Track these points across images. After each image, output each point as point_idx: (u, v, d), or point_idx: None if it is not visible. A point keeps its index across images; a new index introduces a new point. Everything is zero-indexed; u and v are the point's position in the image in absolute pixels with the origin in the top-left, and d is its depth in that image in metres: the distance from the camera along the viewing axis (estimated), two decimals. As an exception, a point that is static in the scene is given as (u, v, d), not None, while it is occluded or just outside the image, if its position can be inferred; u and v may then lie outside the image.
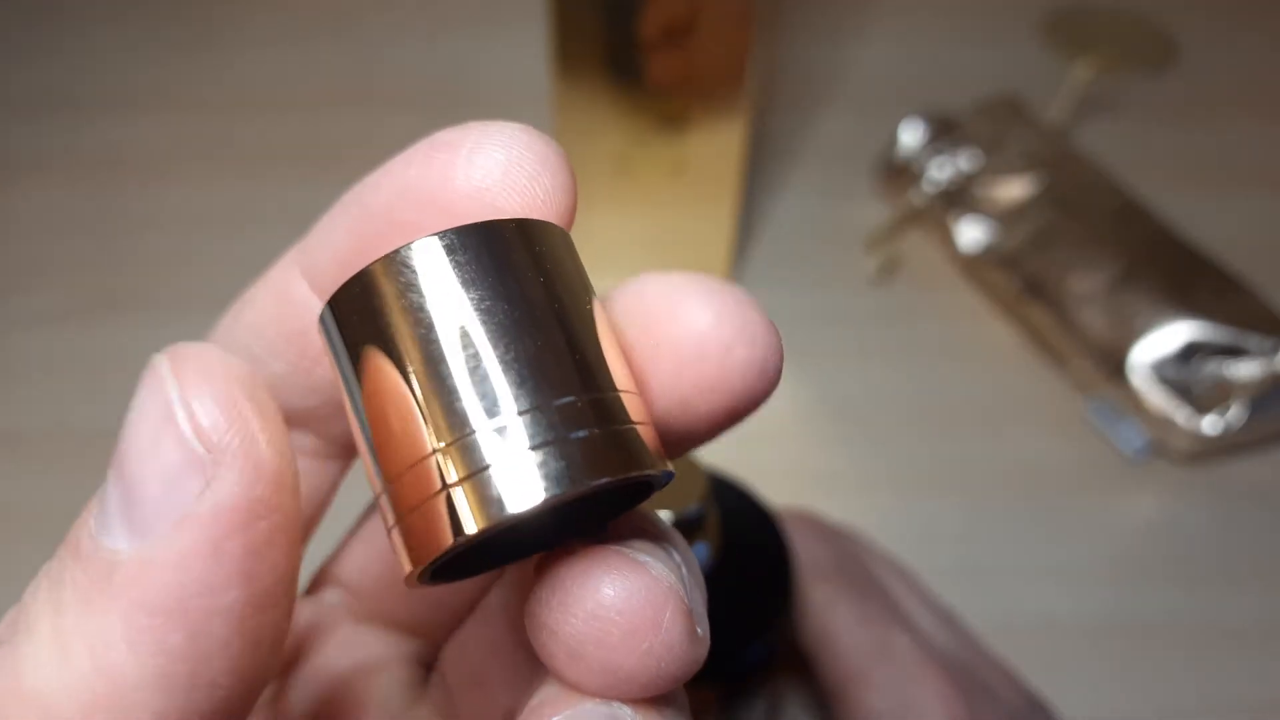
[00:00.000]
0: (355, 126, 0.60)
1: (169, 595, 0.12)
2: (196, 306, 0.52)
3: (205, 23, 0.66)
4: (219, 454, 0.12)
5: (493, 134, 0.15)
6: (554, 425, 0.13)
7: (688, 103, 0.44)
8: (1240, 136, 0.60)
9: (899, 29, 0.66)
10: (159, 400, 0.13)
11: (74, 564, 0.13)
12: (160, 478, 0.12)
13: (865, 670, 0.33)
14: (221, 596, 0.12)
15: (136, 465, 0.13)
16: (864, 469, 0.46)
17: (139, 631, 0.12)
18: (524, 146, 0.15)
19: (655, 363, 0.16)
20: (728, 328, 0.15)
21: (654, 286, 0.16)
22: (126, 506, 0.13)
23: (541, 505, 0.13)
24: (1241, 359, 0.45)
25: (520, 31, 0.62)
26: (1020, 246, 0.50)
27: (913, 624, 0.35)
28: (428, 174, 0.15)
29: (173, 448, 0.12)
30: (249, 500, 0.13)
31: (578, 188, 0.16)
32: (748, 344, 0.15)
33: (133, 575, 0.12)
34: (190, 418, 0.13)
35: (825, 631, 0.34)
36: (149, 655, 0.12)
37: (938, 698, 0.32)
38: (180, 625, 0.12)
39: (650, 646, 0.14)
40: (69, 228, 0.55)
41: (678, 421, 0.16)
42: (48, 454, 0.47)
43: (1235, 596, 0.43)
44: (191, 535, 0.12)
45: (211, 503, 0.12)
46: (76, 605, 0.13)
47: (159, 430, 0.13)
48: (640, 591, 0.14)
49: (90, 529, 0.13)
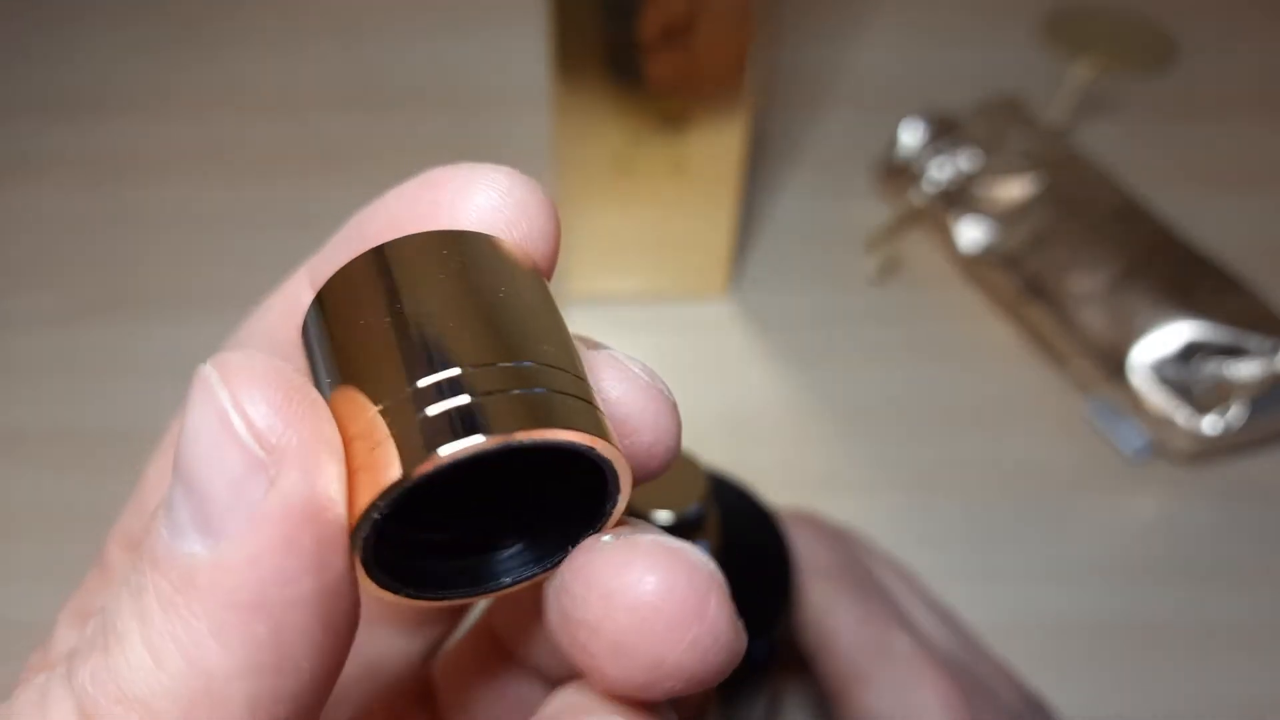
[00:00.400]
0: (355, 127, 0.60)
1: (249, 590, 0.13)
2: (197, 306, 0.52)
3: (205, 23, 0.66)
4: (278, 454, 0.13)
5: (478, 178, 0.16)
6: (485, 385, 0.14)
7: (688, 103, 0.44)
8: (1240, 136, 0.60)
9: (899, 29, 0.66)
10: (213, 409, 0.13)
11: (153, 573, 0.14)
12: (226, 482, 0.13)
13: (865, 670, 0.33)
14: (298, 586, 0.13)
15: (201, 473, 0.13)
16: (864, 469, 0.46)
17: (225, 627, 0.13)
18: (504, 192, 0.16)
19: None
20: (619, 409, 0.16)
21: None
22: (196, 512, 0.13)
23: (450, 458, 0.13)
24: (1241, 359, 0.45)
25: (520, 31, 0.62)
26: (1020, 246, 0.50)
27: (913, 624, 0.35)
28: (415, 210, 0.16)
29: (233, 453, 0.13)
30: (313, 494, 0.13)
31: (559, 232, 0.16)
32: (630, 434, 0.16)
33: (212, 576, 0.13)
34: (246, 422, 0.13)
35: (825, 631, 0.34)
36: (238, 648, 0.13)
37: (938, 698, 0.32)
38: (263, 617, 0.13)
39: (696, 637, 0.14)
40: (69, 228, 0.55)
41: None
42: (48, 454, 0.47)
43: (1235, 596, 0.43)
44: (264, 532, 0.13)
45: (279, 500, 0.13)
46: (162, 611, 0.13)
47: (218, 437, 0.13)
48: (683, 579, 0.14)
49: (164, 538, 0.14)
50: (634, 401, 0.16)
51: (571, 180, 0.47)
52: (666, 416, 0.16)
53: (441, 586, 0.15)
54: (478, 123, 0.60)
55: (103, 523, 0.46)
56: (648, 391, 0.16)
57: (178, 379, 0.56)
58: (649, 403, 0.16)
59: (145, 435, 0.47)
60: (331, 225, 0.20)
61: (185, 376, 0.13)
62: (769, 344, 0.51)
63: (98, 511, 0.45)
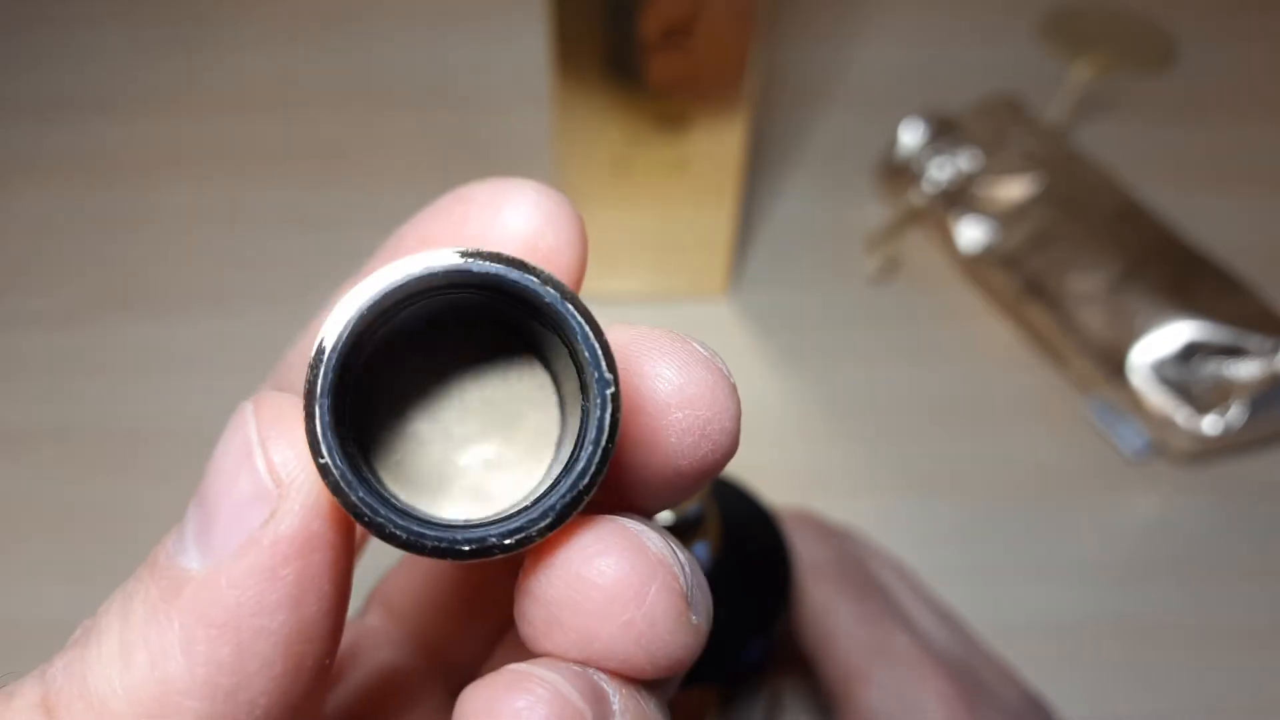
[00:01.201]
0: (355, 126, 0.60)
1: (224, 610, 0.14)
2: (196, 306, 0.52)
3: (204, 23, 0.66)
4: (285, 489, 0.14)
5: (506, 192, 0.16)
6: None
7: (688, 103, 0.44)
8: (1240, 136, 0.60)
9: (899, 29, 0.66)
10: (240, 439, 0.14)
11: (148, 580, 0.14)
12: (232, 505, 0.14)
13: (865, 670, 0.33)
14: (271, 618, 0.14)
15: (215, 494, 0.14)
16: (864, 469, 0.46)
17: (194, 642, 0.14)
18: (532, 205, 0.16)
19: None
20: (667, 387, 0.15)
21: (626, 335, 0.16)
22: (201, 529, 0.14)
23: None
24: (1241, 359, 0.45)
25: (520, 31, 0.62)
26: (1020, 246, 0.50)
27: (913, 623, 0.35)
28: (447, 226, 0.17)
29: (247, 480, 0.14)
30: (306, 533, 0.14)
31: (585, 243, 0.17)
32: (687, 406, 0.15)
33: (196, 591, 0.14)
34: (265, 455, 0.14)
35: (825, 631, 0.34)
36: (200, 665, 0.14)
37: (937, 697, 0.32)
38: (231, 639, 0.14)
39: (631, 619, 0.14)
40: (69, 228, 0.55)
41: (620, 478, 0.16)
42: (48, 453, 0.47)
43: (1235, 596, 0.43)
44: (252, 558, 0.14)
45: (273, 531, 0.14)
46: (144, 616, 0.14)
47: (238, 465, 0.14)
48: (627, 559, 0.14)
49: (168, 549, 0.14)
50: (691, 372, 0.15)
51: (571, 180, 0.47)
52: (725, 393, 0.15)
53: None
54: (478, 122, 0.60)
55: (102, 522, 0.47)
56: (707, 366, 0.15)
57: (177, 378, 0.56)
58: (706, 374, 0.15)
59: (145, 434, 0.47)
60: (331, 224, 0.20)
61: (185, 376, 0.13)
62: (769, 344, 0.51)
63: (98, 511, 0.45)
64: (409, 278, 0.14)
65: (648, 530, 0.15)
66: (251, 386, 0.18)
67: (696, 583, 0.15)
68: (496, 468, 0.16)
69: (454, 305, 0.16)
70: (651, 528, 0.15)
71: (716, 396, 0.15)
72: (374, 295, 0.14)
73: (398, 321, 0.15)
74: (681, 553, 0.15)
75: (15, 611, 0.42)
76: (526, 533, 0.14)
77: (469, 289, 0.15)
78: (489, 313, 0.16)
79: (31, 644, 0.41)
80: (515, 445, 0.16)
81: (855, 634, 0.34)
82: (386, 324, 0.15)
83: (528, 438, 0.16)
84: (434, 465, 0.16)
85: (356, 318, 0.14)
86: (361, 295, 0.14)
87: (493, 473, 0.16)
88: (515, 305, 0.15)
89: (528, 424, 0.16)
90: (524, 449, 0.16)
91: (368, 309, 0.14)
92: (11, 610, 0.42)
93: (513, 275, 0.14)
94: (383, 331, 0.15)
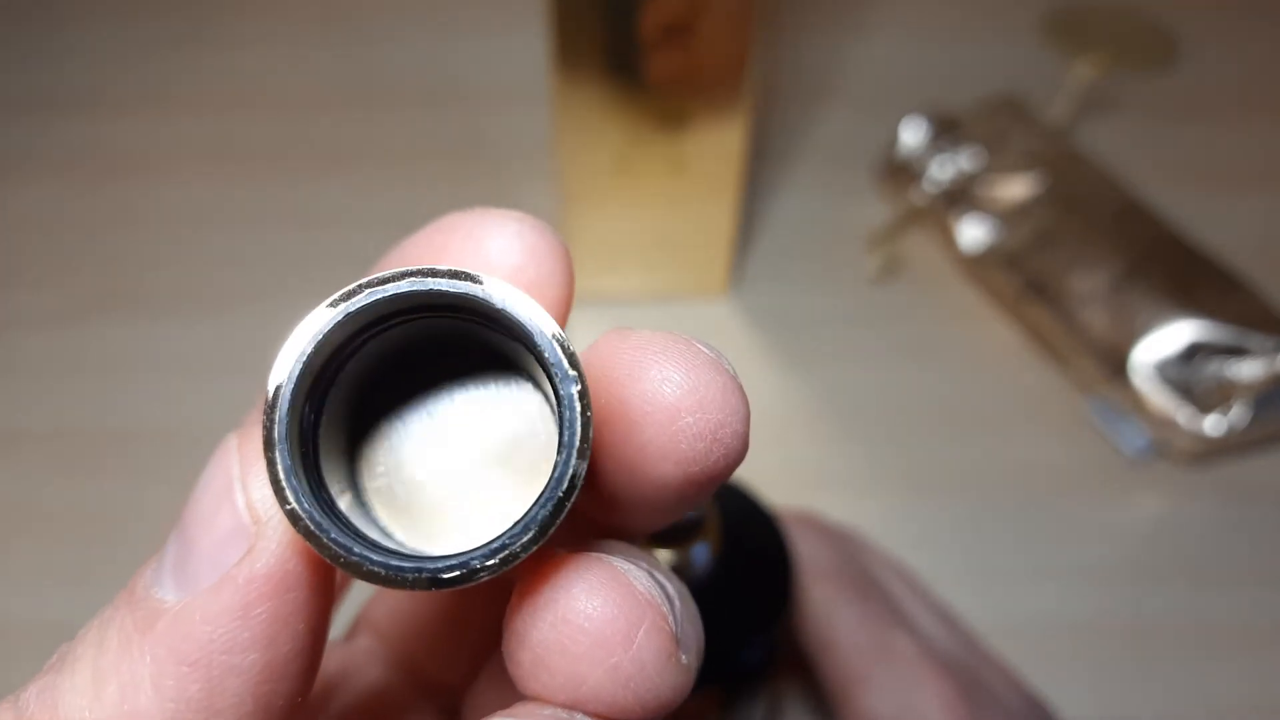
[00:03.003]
0: (355, 126, 0.60)
1: (196, 646, 0.13)
2: (195, 306, 0.52)
3: (204, 23, 0.66)
4: (263, 527, 0.14)
5: (488, 224, 0.16)
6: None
7: (688, 101, 0.44)
8: (1241, 136, 0.60)
9: (900, 28, 0.66)
10: (223, 473, 0.14)
11: (125, 609, 0.14)
12: (211, 540, 0.14)
13: (865, 671, 0.33)
14: (243, 656, 0.14)
15: (195, 528, 0.14)
16: (864, 469, 0.46)
17: (164, 676, 0.13)
18: (513, 237, 0.16)
19: (607, 425, 0.15)
20: (675, 392, 0.14)
21: (629, 341, 0.15)
22: (179, 561, 0.14)
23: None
24: (1244, 359, 0.45)
25: (520, 30, 0.62)
26: (1022, 246, 0.50)
27: (913, 624, 0.35)
28: (428, 255, 0.16)
29: (226, 516, 0.14)
30: (282, 571, 0.14)
31: (571, 277, 0.16)
32: (697, 410, 0.14)
33: (170, 624, 0.14)
34: (245, 492, 0.14)
35: (825, 632, 0.34)
36: (169, 700, 0.13)
37: (938, 698, 0.32)
38: (201, 676, 0.13)
39: (619, 662, 0.13)
40: (67, 227, 0.55)
41: (629, 488, 0.15)
42: (47, 453, 0.46)
43: (1237, 597, 0.42)
44: (226, 595, 0.14)
45: (249, 569, 0.14)
46: (118, 646, 0.14)
47: (218, 499, 0.14)
48: (614, 601, 0.14)
49: (146, 579, 0.14)
50: (698, 375, 0.15)
51: (571, 180, 0.47)
52: (735, 395, 0.15)
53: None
54: (478, 122, 0.60)
55: (102, 522, 0.46)
56: (715, 368, 0.15)
57: (177, 378, 0.56)
58: (715, 375, 0.15)
59: (144, 434, 0.47)
60: (331, 225, 0.20)
61: (183, 376, 0.13)
62: (769, 344, 0.51)
63: (97, 511, 0.45)
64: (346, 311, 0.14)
65: (635, 569, 0.14)
66: (250, 387, 0.18)
67: (686, 617, 0.15)
68: (497, 497, 0.16)
69: (431, 331, 0.15)
70: (639, 564, 0.14)
71: (727, 399, 0.15)
72: (315, 334, 0.14)
73: (376, 349, 0.15)
74: (671, 585, 0.15)
75: (13, 612, 0.42)
76: (510, 550, 0.13)
77: (425, 311, 0.14)
78: (472, 337, 0.16)
79: (27, 645, 0.41)
80: (516, 473, 0.16)
81: (856, 635, 0.34)
82: (352, 354, 0.15)
83: (528, 465, 0.16)
84: (433, 497, 0.16)
85: (302, 360, 0.14)
86: (302, 336, 0.14)
87: (494, 502, 0.16)
88: (476, 321, 0.14)
89: (527, 451, 0.16)
90: (525, 477, 0.16)
91: (312, 350, 0.14)
92: (10, 611, 0.42)
93: (457, 288, 0.14)
94: (353, 362, 0.15)
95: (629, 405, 0.15)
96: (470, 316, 0.14)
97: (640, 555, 0.15)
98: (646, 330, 0.15)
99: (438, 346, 0.16)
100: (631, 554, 0.15)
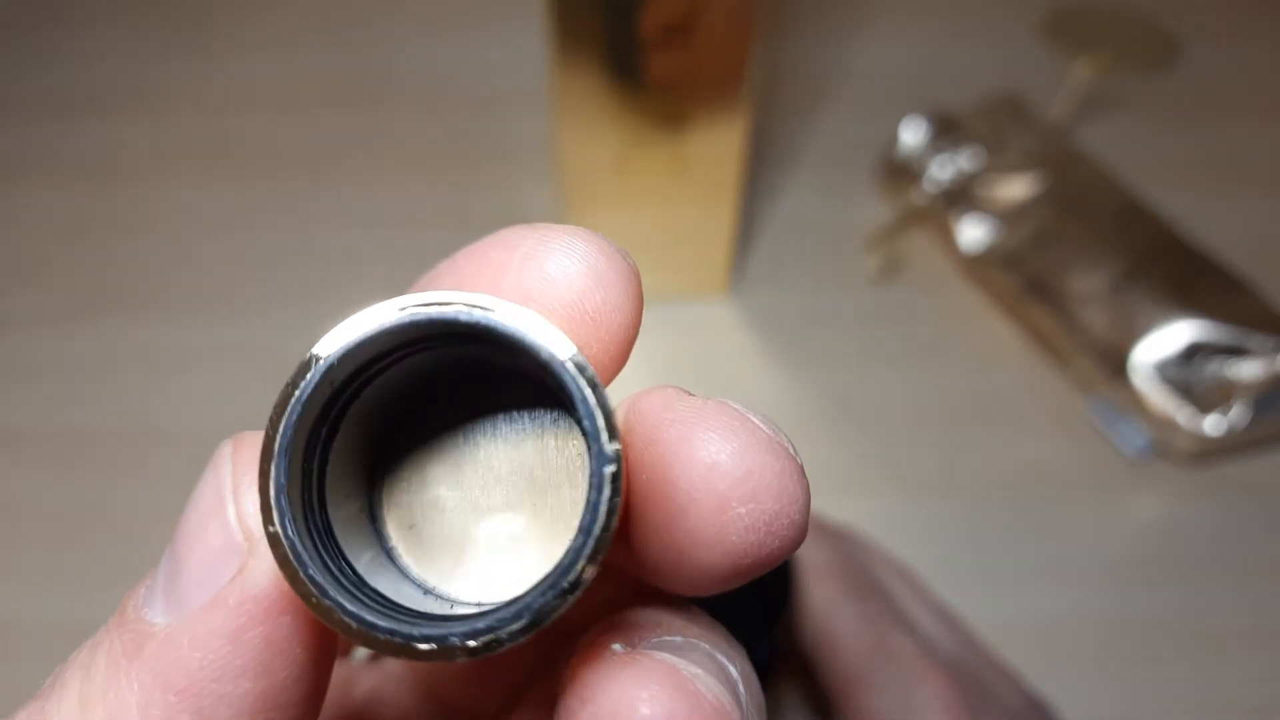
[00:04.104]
0: (355, 126, 0.60)
1: (185, 673, 0.13)
2: (195, 306, 0.52)
3: (204, 24, 0.66)
4: (254, 543, 0.13)
5: (551, 241, 0.14)
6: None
7: (688, 102, 0.44)
8: (1242, 136, 0.60)
9: (900, 27, 0.66)
10: (214, 484, 0.13)
11: (114, 632, 0.13)
12: (201, 558, 0.13)
13: (865, 671, 0.33)
14: (235, 684, 0.13)
15: (185, 544, 0.13)
16: (864, 469, 0.46)
17: (151, 705, 0.13)
18: (579, 259, 0.14)
19: (650, 501, 0.13)
20: (727, 478, 0.13)
21: (676, 411, 0.14)
22: (170, 581, 0.13)
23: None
24: (1243, 359, 0.45)
25: (520, 31, 0.62)
26: (1022, 246, 0.50)
27: (913, 625, 0.35)
28: (483, 272, 0.15)
29: (217, 532, 0.13)
30: (275, 593, 0.13)
31: (640, 304, 0.15)
32: (751, 500, 0.13)
33: (159, 648, 0.13)
34: (238, 506, 0.13)
35: (826, 632, 0.34)
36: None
37: (938, 699, 0.32)
38: (190, 705, 0.13)
39: None
40: (69, 228, 0.55)
41: (674, 568, 0.14)
42: (46, 453, 0.46)
43: (1237, 597, 0.42)
44: (217, 618, 0.13)
45: (240, 589, 0.13)
46: (105, 671, 0.13)
47: (210, 514, 0.13)
48: (682, 713, 0.12)
49: (137, 600, 0.13)
50: (753, 458, 0.13)
51: (571, 180, 0.47)
52: (793, 480, 0.13)
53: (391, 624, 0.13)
54: (478, 122, 0.60)
55: (102, 524, 0.46)
56: (770, 446, 0.13)
57: (175, 378, 0.56)
58: (772, 460, 0.13)
59: (143, 434, 0.47)
60: (332, 225, 0.20)
61: (185, 376, 0.13)
62: (769, 344, 0.51)
63: (96, 511, 0.45)
64: (382, 327, 0.13)
65: (702, 671, 0.13)
66: (250, 387, 0.18)
67: (754, 703, 0.14)
68: (521, 542, 0.14)
69: (472, 359, 0.14)
70: (707, 660, 0.13)
71: (785, 486, 0.13)
72: (346, 345, 0.13)
73: (408, 374, 0.14)
74: (735, 668, 0.14)
75: (13, 612, 0.42)
76: (495, 635, 0.12)
77: (459, 341, 0.13)
78: (517, 369, 0.14)
79: (28, 645, 0.41)
80: (542, 520, 0.15)
81: (856, 635, 0.33)
82: (376, 375, 0.14)
83: (558, 512, 0.15)
84: (453, 533, 0.15)
85: (323, 370, 0.12)
86: (336, 342, 0.13)
87: (515, 548, 0.15)
88: (517, 358, 0.13)
89: (561, 497, 0.15)
90: (550, 525, 0.15)
91: (337, 360, 0.12)
92: (10, 611, 0.42)
93: (510, 331, 0.12)
94: (376, 383, 0.14)
95: (674, 487, 0.13)
96: (506, 351, 0.13)
97: (702, 634, 0.14)
98: (699, 399, 0.14)
99: (480, 370, 0.15)
100: (694, 641, 0.14)
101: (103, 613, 0.14)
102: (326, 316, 0.14)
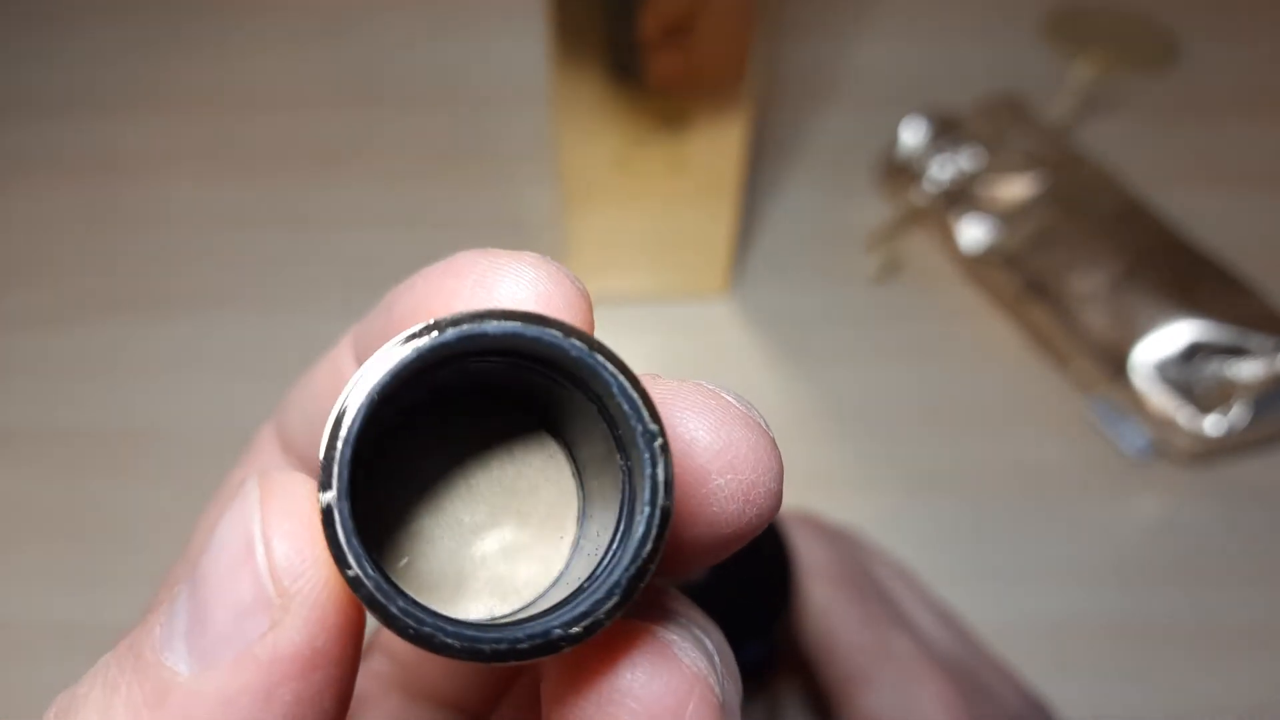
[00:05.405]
0: (355, 126, 0.60)
1: None
2: (195, 306, 0.52)
3: (205, 23, 0.66)
4: (287, 599, 0.12)
5: (501, 268, 0.15)
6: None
7: (688, 102, 0.44)
8: (1242, 136, 0.60)
9: (900, 27, 0.66)
10: (242, 530, 0.13)
11: (133, 674, 0.13)
12: (230, 610, 0.12)
13: (865, 671, 0.33)
14: None
15: (211, 592, 0.13)
16: (864, 469, 0.46)
17: None
18: (528, 284, 0.14)
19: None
20: (704, 451, 0.14)
21: (652, 392, 0.14)
22: (194, 629, 0.13)
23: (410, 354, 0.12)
24: (1244, 359, 0.45)
25: (520, 31, 0.62)
26: (1022, 246, 0.50)
27: (913, 625, 0.35)
28: (438, 295, 0.15)
29: (247, 583, 0.12)
30: (309, 650, 0.12)
31: (591, 326, 0.15)
32: (729, 471, 0.14)
33: (184, 701, 0.12)
34: (268, 555, 0.13)
35: (825, 632, 0.34)
36: None
37: (938, 699, 0.32)
38: None
39: None
40: (69, 228, 0.55)
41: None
42: (45, 453, 0.46)
43: (1237, 597, 0.42)
44: (247, 675, 0.12)
45: (271, 646, 0.12)
46: (124, 719, 0.13)
47: (238, 561, 0.13)
48: (663, 678, 0.13)
49: (155, 641, 0.13)
50: (729, 432, 0.14)
51: (571, 180, 0.47)
52: (767, 452, 0.14)
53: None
54: (477, 122, 0.60)
55: (102, 522, 0.46)
56: (745, 421, 0.14)
57: (177, 379, 0.56)
58: (747, 433, 0.14)
59: (143, 434, 0.47)
60: (329, 225, 0.20)
61: (185, 376, 0.13)
62: (769, 343, 0.51)
63: (95, 511, 0.45)
64: (421, 350, 0.12)
65: (681, 639, 0.13)
66: (251, 388, 0.18)
67: (728, 675, 0.14)
68: (515, 554, 0.15)
69: (452, 379, 0.14)
70: (685, 630, 0.14)
71: (759, 457, 0.14)
72: (391, 369, 0.12)
73: (400, 402, 0.14)
74: (710, 641, 0.14)
75: (13, 612, 0.42)
76: (594, 616, 0.12)
77: (480, 356, 0.13)
78: (481, 382, 0.15)
79: (28, 645, 0.41)
80: (530, 526, 0.15)
81: (855, 636, 0.34)
82: (395, 405, 0.14)
83: (543, 516, 0.15)
84: (447, 561, 0.15)
85: (368, 401, 0.12)
86: (378, 370, 0.12)
87: (512, 560, 0.15)
88: (531, 366, 0.13)
89: (541, 501, 0.15)
90: (540, 529, 0.15)
91: (382, 387, 0.12)
92: (11, 612, 0.42)
93: (533, 332, 0.13)
94: (389, 414, 0.14)
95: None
96: (524, 360, 0.13)
97: (678, 610, 0.14)
98: (673, 380, 0.14)
99: (445, 392, 0.15)
100: (672, 613, 0.14)
101: (101, 613, 0.14)
102: (326, 316, 0.14)
